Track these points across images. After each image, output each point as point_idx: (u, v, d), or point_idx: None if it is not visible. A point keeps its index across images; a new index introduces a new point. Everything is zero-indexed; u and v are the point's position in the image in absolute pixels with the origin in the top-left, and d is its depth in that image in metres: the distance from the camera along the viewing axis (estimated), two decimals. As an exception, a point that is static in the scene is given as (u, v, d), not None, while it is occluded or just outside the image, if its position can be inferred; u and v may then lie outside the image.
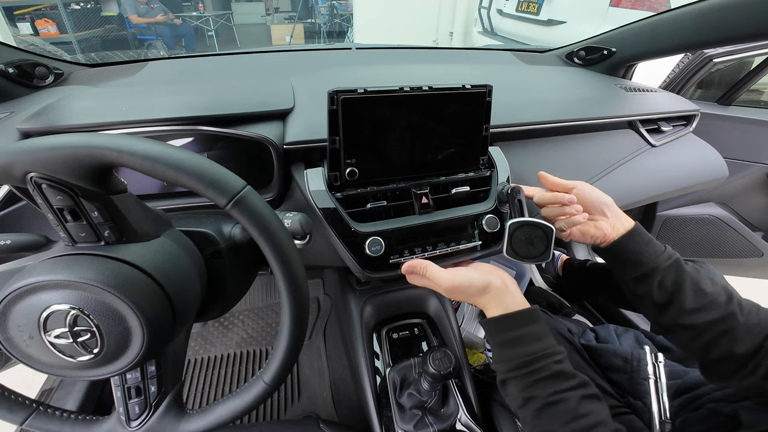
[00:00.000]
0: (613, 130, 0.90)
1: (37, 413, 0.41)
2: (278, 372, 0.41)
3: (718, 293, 0.49)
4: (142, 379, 0.41)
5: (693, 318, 0.48)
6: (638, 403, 0.62)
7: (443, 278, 0.50)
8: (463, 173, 0.66)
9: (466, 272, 0.51)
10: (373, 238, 0.58)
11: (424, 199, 0.61)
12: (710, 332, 0.47)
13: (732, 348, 0.45)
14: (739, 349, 0.45)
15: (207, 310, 0.46)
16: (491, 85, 0.60)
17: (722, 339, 0.46)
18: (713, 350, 0.47)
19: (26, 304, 0.33)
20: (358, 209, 0.60)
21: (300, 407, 1.10)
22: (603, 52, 1.05)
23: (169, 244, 0.40)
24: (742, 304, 0.49)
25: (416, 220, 0.60)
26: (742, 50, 1.28)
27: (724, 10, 0.76)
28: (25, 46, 0.93)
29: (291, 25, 6.87)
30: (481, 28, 3.66)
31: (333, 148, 0.57)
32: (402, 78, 0.87)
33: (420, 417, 0.69)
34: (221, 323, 1.35)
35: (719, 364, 0.47)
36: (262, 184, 0.62)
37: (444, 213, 0.62)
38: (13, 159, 0.31)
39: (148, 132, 0.56)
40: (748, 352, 0.45)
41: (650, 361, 0.63)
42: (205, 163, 0.34)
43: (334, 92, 0.53)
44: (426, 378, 0.64)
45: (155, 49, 5.25)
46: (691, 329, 0.48)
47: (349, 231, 0.58)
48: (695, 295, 0.49)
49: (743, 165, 1.40)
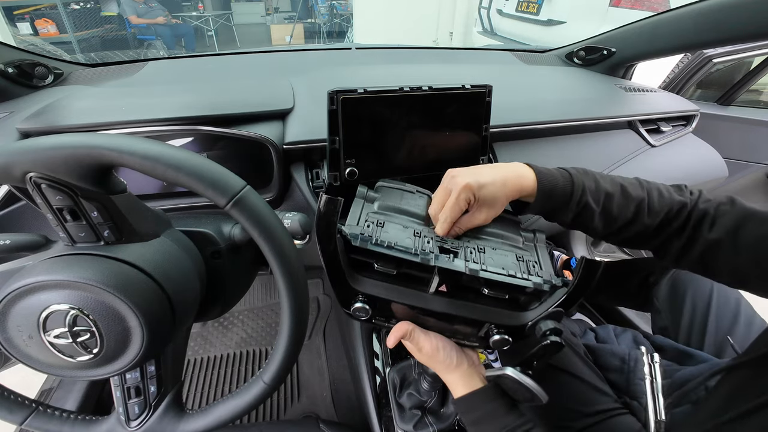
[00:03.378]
0: (612, 130, 0.90)
1: (36, 413, 0.40)
2: (278, 372, 0.41)
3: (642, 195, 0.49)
4: (142, 379, 0.41)
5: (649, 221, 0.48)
6: (635, 403, 0.62)
7: (424, 346, 0.47)
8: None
9: (446, 343, 0.49)
10: (360, 305, 0.45)
11: (443, 287, 0.47)
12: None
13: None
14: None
15: (207, 310, 0.46)
16: (491, 85, 0.60)
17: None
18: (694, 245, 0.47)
19: (26, 304, 0.33)
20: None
21: (300, 407, 1.10)
22: (603, 52, 1.05)
23: (169, 244, 0.40)
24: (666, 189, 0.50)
25: (427, 302, 0.46)
26: (742, 50, 1.29)
27: (724, 10, 0.76)
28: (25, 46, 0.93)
29: (291, 25, 6.87)
30: (481, 28, 3.66)
31: (333, 148, 0.57)
32: (402, 78, 0.87)
33: (420, 417, 0.69)
34: (221, 323, 1.35)
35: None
36: (262, 184, 0.62)
37: (464, 307, 0.46)
38: (12, 159, 0.31)
39: (147, 132, 0.56)
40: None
41: (647, 362, 0.64)
42: (205, 163, 0.34)
43: (333, 92, 0.53)
44: (426, 378, 0.65)
45: (155, 49, 5.25)
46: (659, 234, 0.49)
47: (342, 279, 0.45)
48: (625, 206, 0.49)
49: (743, 165, 1.40)
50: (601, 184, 0.49)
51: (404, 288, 0.46)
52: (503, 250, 0.47)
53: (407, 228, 0.46)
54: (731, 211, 0.46)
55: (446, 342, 0.49)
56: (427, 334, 0.48)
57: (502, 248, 0.47)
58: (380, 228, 0.44)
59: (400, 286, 0.46)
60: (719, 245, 0.45)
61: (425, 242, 0.44)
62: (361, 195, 0.50)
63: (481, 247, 0.46)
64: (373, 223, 0.45)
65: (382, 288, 0.46)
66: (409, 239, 0.44)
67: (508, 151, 0.74)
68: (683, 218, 0.48)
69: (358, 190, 0.51)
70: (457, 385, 0.48)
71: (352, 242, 0.42)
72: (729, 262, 0.45)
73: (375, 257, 0.44)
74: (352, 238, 0.42)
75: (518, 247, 0.49)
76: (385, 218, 0.47)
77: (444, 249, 0.44)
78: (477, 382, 0.48)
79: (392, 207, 0.49)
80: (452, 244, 0.45)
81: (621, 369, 0.67)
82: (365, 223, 0.45)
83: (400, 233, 0.44)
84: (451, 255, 0.43)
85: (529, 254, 0.48)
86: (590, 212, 0.48)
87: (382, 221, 0.46)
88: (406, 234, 0.44)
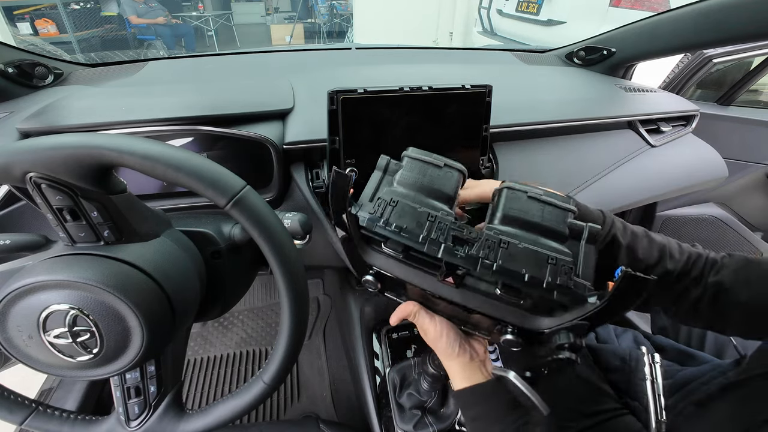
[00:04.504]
0: (612, 130, 0.90)
1: (36, 413, 0.40)
2: (278, 372, 0.41)
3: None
4: (142, 379, 0.41)
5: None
6: (635, 404, 0.62)
7: (429, 330, 0.47)
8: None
9: (450, 331, 0.47)
10: (370, 278, 0.45)
11: (450, 279, 0.42)
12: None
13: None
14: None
15: (207, 310, 0.46)
16: (491, 85, 0.60)
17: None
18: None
19: (26, 304, 0.33)
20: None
21: (300, 407, 1.10)
22: (603, 53, 1.05)
23: (169, 244, 0.40)
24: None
25: (437, 287, 0.43)
26: (742, 50, 1.28)
27: (724, 11, 0.76)
28: (25, 45, 0.93)
29: (291, 25, 6.87)
30: (481, 28, 3.66)
31: (333, 148, 0.57)
32: (402, 78, 0.87)
33: (420, 417, 0.69)
34: (221, 323, 1.35)
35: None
36: (262, 184, 0.62)
37: (475, 299, 0.42)
38: (12, 159, 0.31)
39: (147, 132, 0.56)
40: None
41: (647, 362, 0.64)
42: (205, 163, 0.34)
43: (333, 92, 0.53)
44: (426, 378, 0.65)
45: (155, 49, 5.26)
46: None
47: (354, 252, 0.45)
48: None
49: (743, 165, 1.40)
50: (628, 225, 0.52)
51: (414, 269, 0.43)
52: (534, 246, 0.39)
53: (422, 210, 0.41)
54: (736, 257, 0.51)
55: (451, 330, 0.47)
56: (433, 317, 0.47)
57: (532, 243, 0.39)
58: (392, 207, 0.41)
59: (410, 266, 0.43)
60: (724, 286, 0.48)
61: (437, 228, 0.40)
62: (381, 167, 0.46)
63: (504, 242, 0.39)
64: (387, 201, 0.41)
65: (393, 264, 0.43)
66: (421, 223, 0.40)
67: (508, 151, 0.74)
68: (700, 268, 0.51)
69: (379, 161, 0.46)
70: (456, 375, 0.47)
71: (360, 222, 0.41)
72: (738, 304, 0.48)
73: (383, 237, 0.42)
74: (360, 218, 0.40)
75: (554, 246, 0.40)
76: (400, 196, 0.42)
77: (458, 238, 0.40)
78: (478, 376, 0.46)
79: (412, 183, 0.44)
80: (469, 233, 0.40)
81: (622, 369, 0.67)
82: (377, 201, 0.42)
83: (412, 216, 0.40)
84: (466, 246, 0.39)
85: (567, 255, 0.40)
86: (617, 246, 0.50)
87: (396, 200, 0.41)
88: (419, 217, 0.40)
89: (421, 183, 0.44)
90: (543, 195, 0.43)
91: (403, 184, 0.44)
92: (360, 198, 0.43)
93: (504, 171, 0.71)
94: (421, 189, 0.43)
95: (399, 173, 0.45)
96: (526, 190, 0.43)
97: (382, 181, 0.45)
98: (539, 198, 0.42)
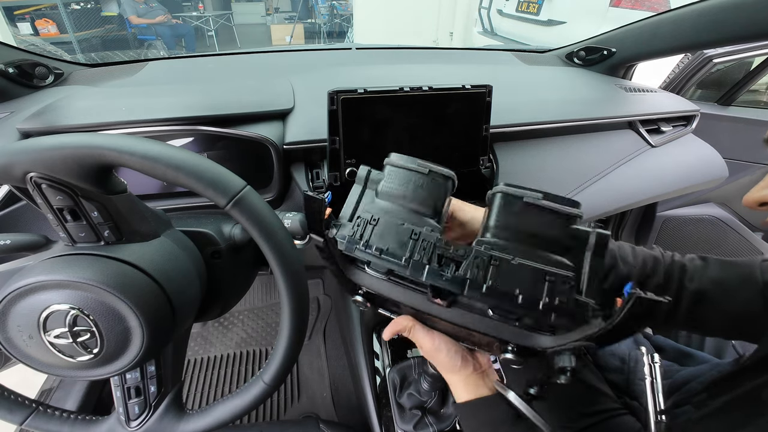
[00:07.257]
0: (613, 130, 0.90)
1: (36, 413, 0.40)
2: (278, 372, 0.41)
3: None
4: (142, 379, 0.41)
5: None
6: (635, 403, 0.62)
7: (424, 344, 0.45)
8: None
9: (449, 345, 0.45)
10: (360, 299, 0.44)
11: (438, 301, 0.39)
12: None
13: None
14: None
15: (207, 310, 0.46)
16: (491, 85, 0.60)
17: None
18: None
19: (26, 304, 0.33)
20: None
21: (300, 407, 1.10)
22: (603, 53, 1.05)
23: (169, 244, 0.40)
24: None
25: (428, 305, 0.40)
26: (742, 50, 1.29)
27: (724, 11, 0.76)
28: (25, 46, 0.93)
29: (291, 25, 6.87)
30: (481, 28, 3.66)
31: (333, 148, 0.57)
32: (402, 78, 0.87)
33: (420, 417, 0.69)
34: (221, 323, 1.35)
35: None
36: (262, 184, 0.62)
37: (469, 317, 0.40)
38: (13, 159, 0.31)
39: (148, 132, 0.56)
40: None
41: (647, 362, 0.64)
42: (205, 163, 0.34)
43: (334, 92, 0.53)
44: (426, 378, 0.65)
45: (155, 49, 5.26)
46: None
47: (340, 273, 0.44)
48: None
49: (743, 165, 1.40)
50: None
51: (403, 287, 0.41)
52: (529, 261, 0.35)
53: (405, 227, 0.37)
54: (710, 261, 0.50)
55: (450, 344, 0.45)
56: (430, 332, 0.45)
57: (527, 259, 0.35)
58: (372, 227, 0.38)
59: (398, 285, 0.41)
60: (705, 295, 0.48)
61: (422, 248, 0.36)
62: (360, 179, 0.43)
63: (495, 258, 0.35)
64: (367, 219, 0.38)
65: (380, 285, 0.41)
66: (404, 243, 0.36)
67: (508, 151, 0.74)
68: (662, 273, 0.50)
69: (359, 172, 0.43)
70: (458, 388, 0.45)
71: (339, 246, 0.38)
72: (718, 311, 0.47)
73: (365, 260, 0.39)
74: (339, 243, 0.38)
75: (553, 259, 0.36)
76: (382, 212, 0.39)
77: (444, 258, 0.36)
78: (482, 389, 0.44)
79: (395, 194, 0.40)
80: (456, 251, 0.36)
81: (621, 369, 0.67)
82: (356, 220, 0.38)
83: (395, 234, 0.37)
84: (453, 266, 0.36)
85: (569, 268, 0.35)
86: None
87: (377, 217, 0.38)
88: (401, 235, 0.37)
89: (404, 194, 0.40)
90: (541, 200, 0.37)
91: (385, 197, 0.41)
92: (340, 215, 0.40)
93: (504, 171, 0.71)
94: (405, 201, 0.40)
95: (381, 184, 0.41)
96: (522, 195, 0.38)
97: (363, 195, 0.42)
98: (537, 203, 0.37)
